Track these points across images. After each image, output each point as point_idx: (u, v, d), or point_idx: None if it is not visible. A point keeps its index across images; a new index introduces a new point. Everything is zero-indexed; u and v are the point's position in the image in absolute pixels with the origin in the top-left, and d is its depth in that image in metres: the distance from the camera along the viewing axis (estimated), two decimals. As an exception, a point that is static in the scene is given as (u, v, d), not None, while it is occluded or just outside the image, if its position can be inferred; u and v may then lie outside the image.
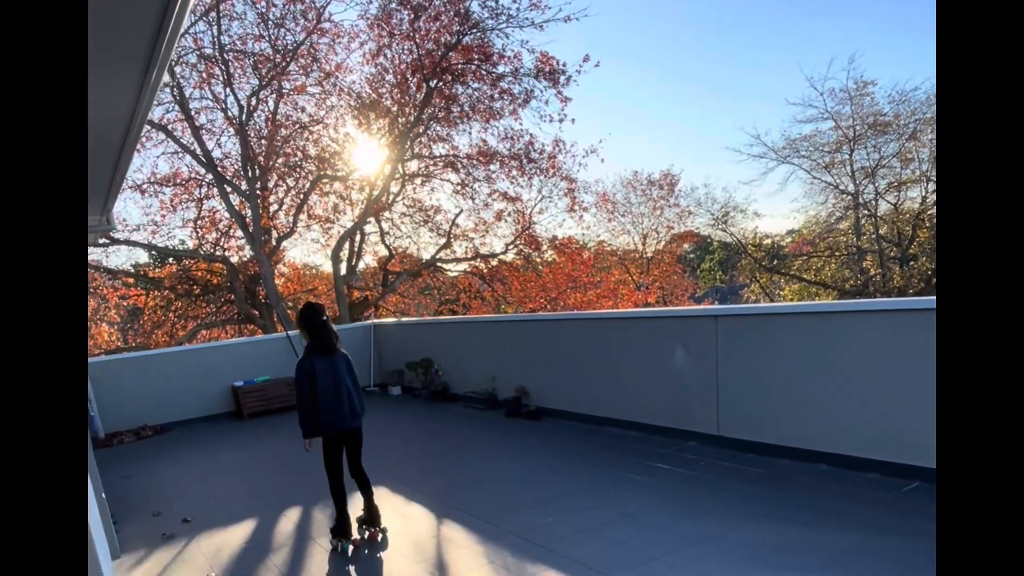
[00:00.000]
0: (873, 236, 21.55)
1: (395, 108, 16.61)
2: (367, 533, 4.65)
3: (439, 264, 19.53)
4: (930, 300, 4.59)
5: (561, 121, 16.57)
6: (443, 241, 18.94)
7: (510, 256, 19.37)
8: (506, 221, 18.84)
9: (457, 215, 18.63)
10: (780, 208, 62.74)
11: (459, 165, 17.73)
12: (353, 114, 16.87)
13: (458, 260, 19.58)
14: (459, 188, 18.01)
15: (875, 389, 4.75)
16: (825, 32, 39.34)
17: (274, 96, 16.39)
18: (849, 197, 22.16)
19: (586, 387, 7.37)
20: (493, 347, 8.91)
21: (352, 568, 4.17)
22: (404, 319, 12.40)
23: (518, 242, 18.96)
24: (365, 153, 17.62)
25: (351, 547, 4.47)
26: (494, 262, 19.25)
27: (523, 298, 18.93)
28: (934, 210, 20.98)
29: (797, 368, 5.27)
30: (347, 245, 18.16)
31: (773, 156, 23.12)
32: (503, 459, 6.36)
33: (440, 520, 4.87)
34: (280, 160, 16.86)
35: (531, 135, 17.47)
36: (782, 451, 5.33)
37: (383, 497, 5.55)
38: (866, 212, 21.79)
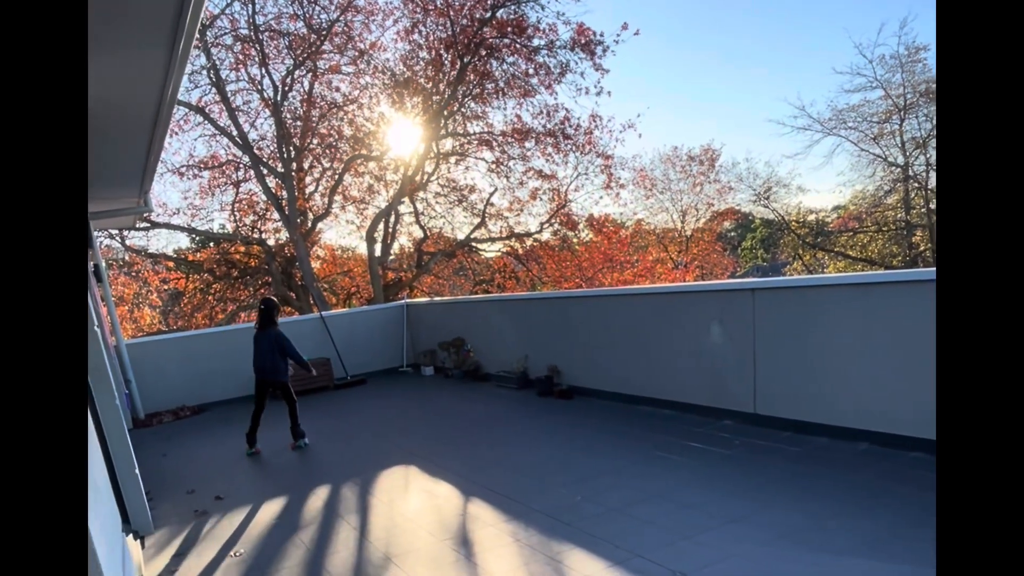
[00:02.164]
0: (923, 210, 20.74)
1: (429, 85, 16.50)
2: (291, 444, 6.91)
3: (473, 244, 19.46)
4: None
5: (599, 94, 16.27)
6: (477, 221, 18.85)
7: (545, 235, 19.20)
8: (541, 200, 18.65)
9: (492, 194, 18.52)
10: (825, 182, 60.92)
11: (494, 143, 17.57)
12: (387, 93, 16.82)
13: (493, 240, 19.47)
14: (494, 166, 17.86)
15: (920, 363, 4.50)
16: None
17: (309, 76, 16.42)
18: (898, 169, 21.35)
19: (619, 365, 7.21)
20: (525, 326, 8.80)
21: (376, 543, 4.13)
22: (436, 299, 12.36)
23: (553, 221, 18.76)
24: (399, 132, 17.58)
25: (253, 452, 6.81)
26: (529, 242, 19.10)
27: (559, 278, 18.76)
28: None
29: (837, 343, 5.04)
30: (381, 226, 18.20)
31: (818, 128, 22.40)
32: (533, 438, 6.27)
33: (467, 498, 4.80)
34: (315, 141, 16.92)
35: (567, 110, 17.18)
36: (821, 429, 5.12)
37: (411, 475, 5.52)
38: (916, 185, 20.98)
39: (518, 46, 15.96)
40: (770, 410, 5.53)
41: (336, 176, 17.63)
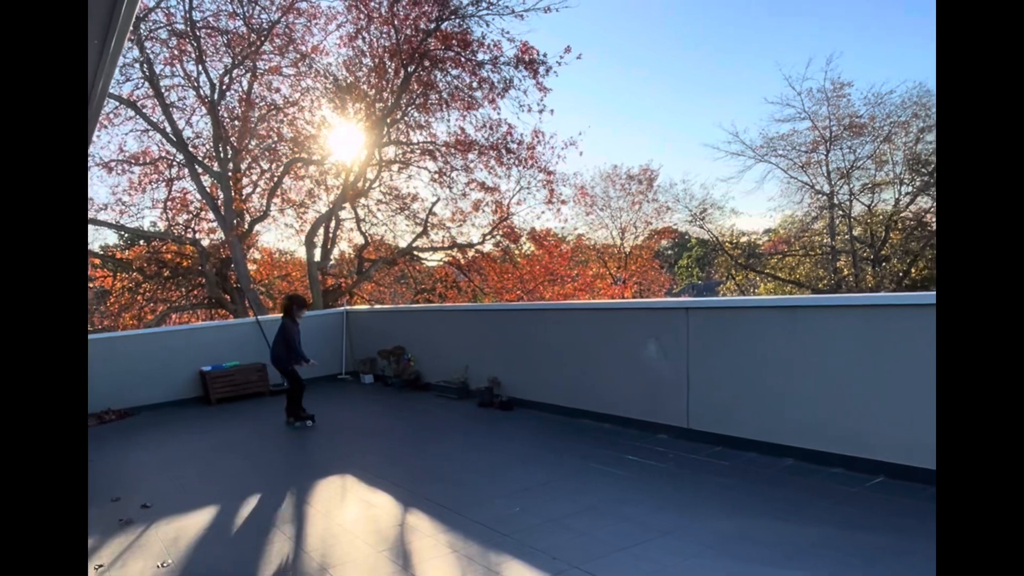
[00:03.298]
0: (847, 236, 21.80)
1: (372, 92, 16.39)
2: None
3: (415, 253, 19.39)
4: (901, 296, 4.61)
5: (541, 112, 16.50)
6: (420, 230, 18.79)
7: (488, 247, 19.30)
8: (484, 211, 18.75)
9: (434, 203, 18.50)
10: (757, 206, 63.53)
11: (437, 153, 17.58)
12: (329, 97, 16.62)
13: (435, 249, 19.44)
14: (436, 176, 17.86)
15: (840, 385, 4.76)
16: (804, 32, 39.71)
17: (248, 76, 16.08)
18: (824, 197, 22.40)
19: (558, 378, 7.33)
20: (466, 337, 8.84)
21: (312, 553, 4.09)
22: (377, 306, 12.27)
23: (496, 233, 18.88)
24: (341, 137, 17.39)
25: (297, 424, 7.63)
26: (471, 252, 19.15)
27: (500, 289, 18.86)
28: (906, 212, 21.30)
29: (765, 362, 5.28)
30: (321, 231, 17.93)
31: (751, 154, 23.30)
32: (473, 449, 6.30)
33: (405, 509, 4.80)
34: (254, 142, 16.57)
35: (510, 125, 17.36)
36: (749, 444, 5.34)
37: (348, 484, 5.47)
38: (840, 213, 22.04)
39: (462, 59, 16.05)
40: (702, 425, 5.74)
41: (275, 178, 17.30)
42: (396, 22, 15.44)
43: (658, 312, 6.36)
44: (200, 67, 15.44)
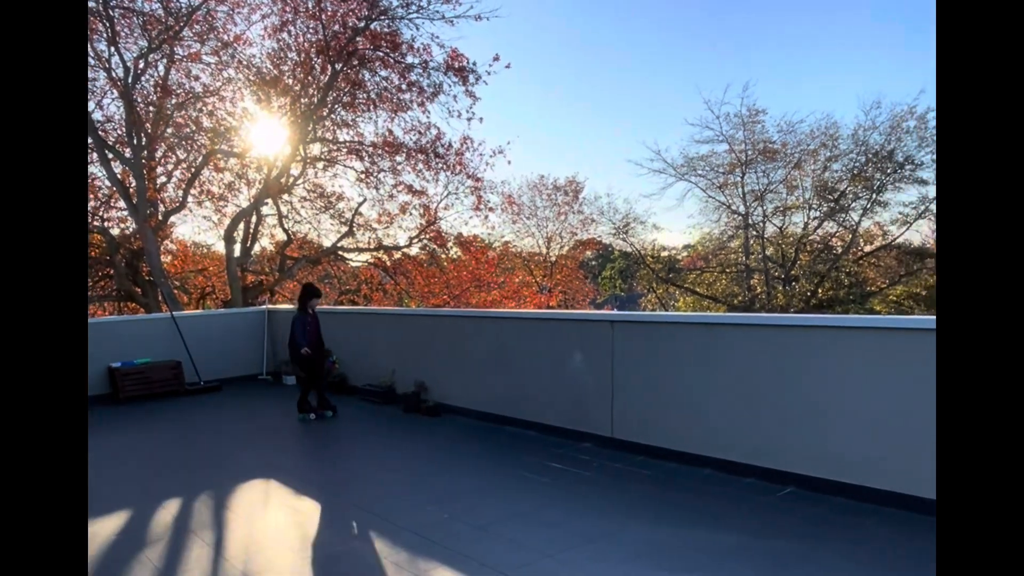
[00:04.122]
0: (760, 256, 22.86)
1: (297, 87, 16.01)
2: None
3: (340, 253, 19.05)
4: (807, 317, 4.96)
5: (470, 120, 16.53)
6: (345, 229, 18.48)
7: (414, 250, 19.19)
8: (411, 214, 18.61)
9: (360, 204, 18.23)
10: (678, 223, 65.64)
11: (364, 153, 17.33)
12: (252, 89, 16.11)
13: (360, 250, 19.16)
14: (363, 176, 17.60)
15: (754, 399, 5.04)
16: (723, 58, 41.51)
17: (165, 61, 15.38)
18: (740, 217, 23.41)
19: (485, 385, 7.40)
20: (393, 341, 8.78)
21: (234, 561, 3.99)
22: (301, 306, 11.99)
23: (423, 236, 18.79)
24: (264, 131, 16.88)
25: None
26: (397, 255, 18.99)
27: (426, 293, 18.77)
28: (814, 236, 22.55)
29: (685, 375, 5.52)
30: (242, 225, 17.36)
31: (672, 172, 24.05)
32: (399, 454, 6.28)
33: (332, 515, 4.75)
34: (170, 130, 15.86)
35: (439, 129, 17.29)
36: (670, 454, 5.56)
37: (271, 489, 5.35)
38: (754, 233, 23.10)
39: (392, 61, 15.92)
40: (626, 435, 5.93)
41: (193, 169, 16.63)
42: (323, 18, 15.16)
43: (585, 323, 6.53)
44: (113, 48, 14.67)
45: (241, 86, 16.14)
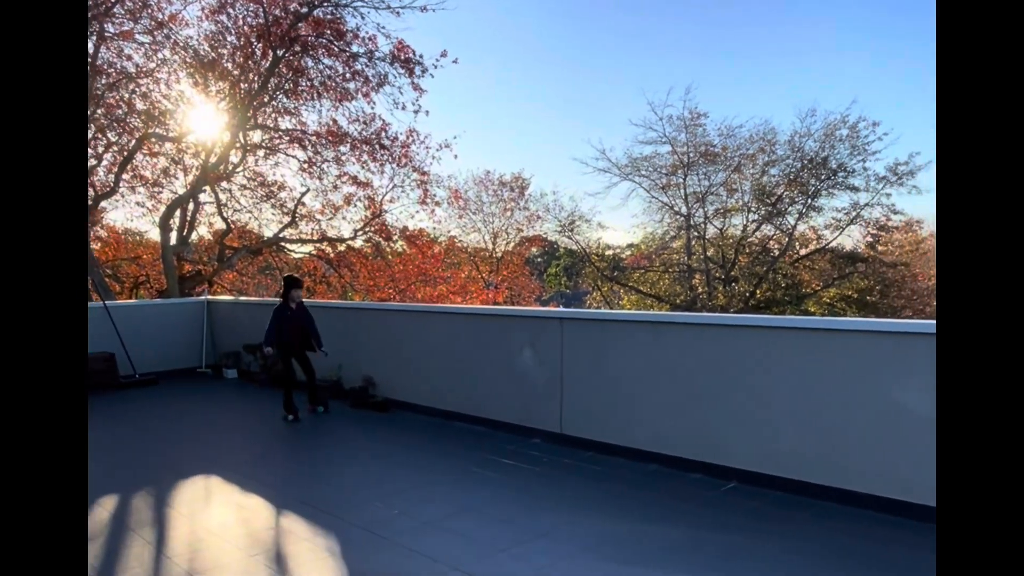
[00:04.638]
0: (702, 257, 23.43)
1: (237, 72, 15.53)
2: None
3: (282, 244, 18.62)
4: (748, 318, 5.13)
5: (416, 112, 16.33)
6: (287, 220, 18.07)
7: (359, 242, 18.90)
8: (356, 206, 18.34)
9: (303, 194, 17.84)
10: (622, 222, 66.59)
11: (307, 142, 16.95)
12: (188, 72, 15.54)
13: (303, 241, 18.77)
14: (306, 166, 17.20)
15: (699, 396, 5.19)
16: (666, 60, 42.39)
17: (95, 38, 14.69)
18: (682, 218, 23.92)
19: (435, 381, 7.38)
20: (340, 334, 8.64)
21: (177, 559, 3.88)
22: (242, 298, 11.69)
23: (368, 229, 18.55)
24: (202, 116, 16.30)
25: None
26: (342, 247, 18.68)
27: (371, 287, 18.52)
28: (753, 238, 23.26)
29: (632, 373, 5.63)
30: (178, 213, 16.75)
31: (616, 172, 24.36)
32: (347, 450, 6.21)
33: (279, 512, 4.66)
34: (100, 111, 15.17)
35: (384, 121, 17.01)
36: (618, 450, 5.67)
37: (214, 486, 5.22)
38: (696, 234, 23.65)
39: (336, 49, 15.61)
40: (575, 431, 6.01)
41: (125, 152, 15.95)
42: (264, 1, 14.75)
43: (534, 320, 6.58)
44: (39, 23, 13.91)
45: (177, 68, 15.53)
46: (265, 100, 16.04)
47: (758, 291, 22.11)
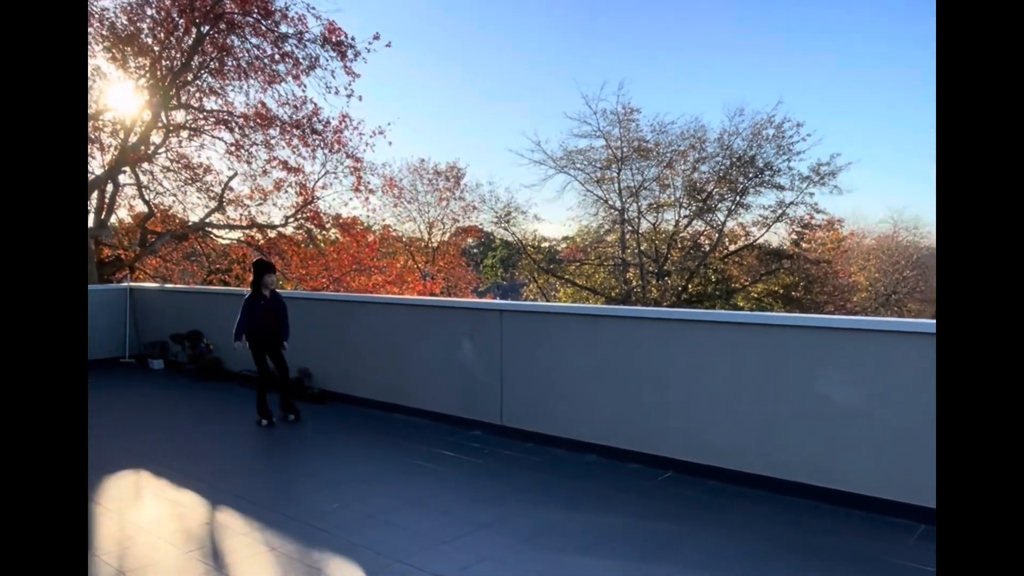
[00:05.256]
0: (635, 251, 23.92)
1: (158, 48, 14.84)
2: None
3: (208, 229, 17.98)
4: (681, 312, 5.33)
5: (349, 97, 15.99)
6: (214, 204, 17.45)
7: (290, 229, 18.45)
8: (287, 192, 17.86)
9: (231, 178, 17.25)
10: (558, 215, 67.14)
11: (233, 124, 16.38)
12: (105, 46, 14.75)
13: (231, 227, 18.18)
14: (233, 149, 16.62)
15: (636, 388, 5.33)
16: (600, 55, 43.00)
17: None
18: (616, 212, 24.36)
19: (373, 372, 7.31)
20: (273, 324, 8.45)
21: (106, 557, 3.74)
22: (168, 285, 11.26)
23: (299, 216, 18.12)
24: (120, 93, 15.52)
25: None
26: (272, 233, 18.18)
27: (304, 275, 18.09)
28: (684, 233, 23.90)
29: (571, 365, 5.73)
30: (96, 195, 15.94)
31: (551, 164, 24.58)
32: (284, 443, 6.10)
33: (214, 507, 4.54)
34: (8, 85, 14.25)
35: (316, 105, 16.59)
36: (558, 441, 5.76)
37: (144, 481, 5.04)
38: (630, 228, 24.13)
39: (263, 28, 15.13)
40: (515, 423, 6.08)
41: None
42: (186, -26, 14.14)
43: (473, 312, 6.62)
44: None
45: (92, 41, 14.74)
46: (189, 79, 15.40)
47: (690, 285, 22.78)
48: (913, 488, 4.08)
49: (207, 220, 17.61)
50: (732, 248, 24.56)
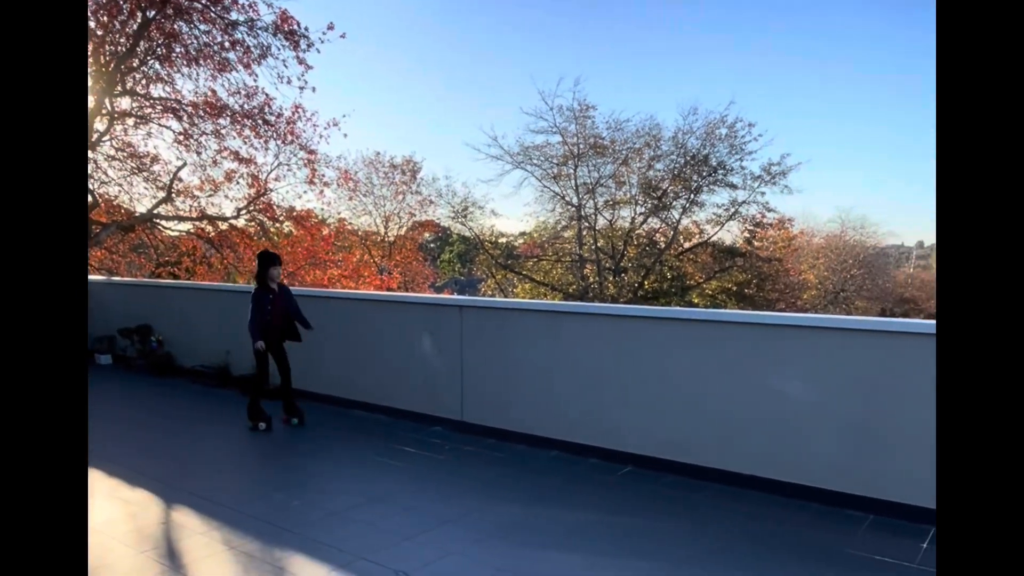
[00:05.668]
0: (592, 247, 24.12)
1: (101, 32, 14.36)
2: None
3: (156, 220, 17.46)
4: (640, 309, 5.45)
5: (302, 88, 15.71)
6: (163, 195, 16.96)
7: (242, 222, 18.06)
8: (238, 184, 17.48)
9: (180, 168, 16.78)
10: (515, 210, 67.15)
11: (182, 113, 15.95)
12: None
13: (181, 218, 17.69)
14: (182, 138, 16.17)
15: (596, 384, 5.40)
16: (556, 51, 43.27)
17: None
18: (573, 208, 24.51)
19: (332, 368, 7.23)
20: (228, 319, 8.26)
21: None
22: (116, 278, 10.91)
23: (251, 208, 17.76)
24: (63, 78, 14.99)
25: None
26: (224, 226, 17.78)
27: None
28: (640, 230, 24.21)
29: (532, 361, 5.77)
30: (40, 184, 15.34)
31: (508, 160, 24.54)
32: (240, 440, 5.99)
33: (170, 506, 4.45)
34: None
35: (268, 95, 16.25)
36: (519, 437, 5.80)
37: (95, 479, 4.90)
38: (587, 224, 24.31)
39: (212, 15, 14.77)
40: (477, 418, 6.09)
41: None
42: (131, -45, 13.70)
43: (433, 308, 6.61)
44: None
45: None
46: (134, 65, 14.92)
47: (646, 282, 23.10)
48: (862, 480, 4.25)
49: (155, 211, 17.12)
50: (687, 245, 24.98)
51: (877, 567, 3.56)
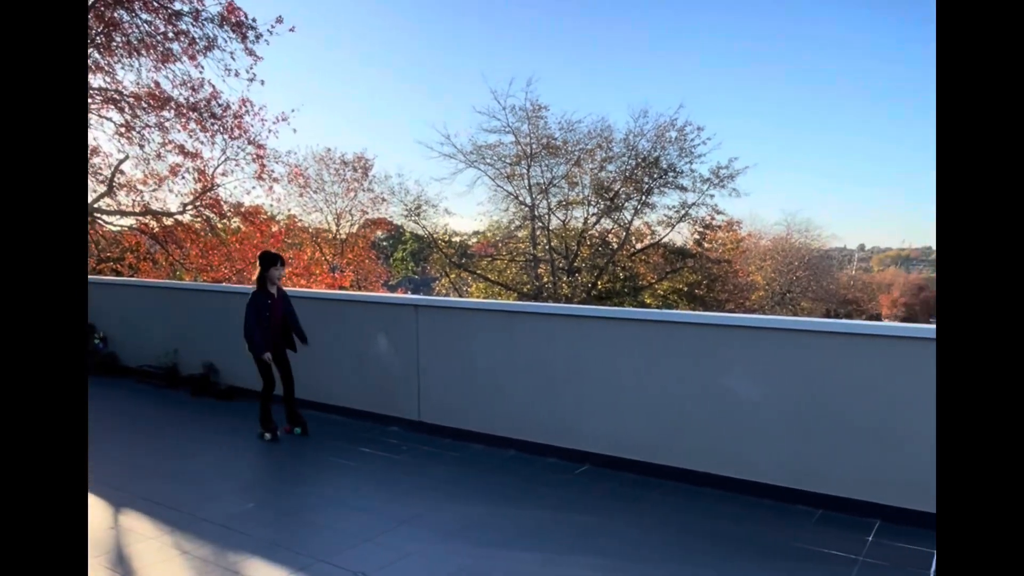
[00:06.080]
0: (546, 247, 24.27)
1: (36, 18, 13.84)
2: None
3: (97, 215, 16.89)
4: (594, 309, 5.50)
5: (250, 81, 15.44)
6: (103, 188, 16.43)
7: (188, 217, 17.62)
8: (184, 178, 17.06)
9: (122, 161, 16.30)
10: (468, 209, 67.15)
11: (123, 104, 15.49)
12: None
13: (123, 213, 17.18)
14: (123, 131, 15.70)
15: (553, 384, 5.46)
16: (509, 51, 43.34)
17: None
18: (527, 208, 24.64)
19: (284, 367, 7.12)
20: (175, 317, 8.07)
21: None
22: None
23: (198, 203, 17.33)
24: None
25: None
26: (168, 221, 17.31)
27: (204, 266, 17.28)
28: (593, 231, 24.48)
29: (488, 361, 5.80)
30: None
31: (461, 159, 24.54)
32: (192, 442, 5.85)
33: (118, 510, 4.33)
34: None
35: (214, 88, 15.93)
36: (476, 437, 5.82)
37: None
38: (540, 224, 24.47)
39: (155, 4, 14.40)
40: (434, 418, 6.09)
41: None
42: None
43: (388, 307, 6.58)
44: None
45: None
46: (72, 53, 14.41)
47: (599, 282, 23.37)
48: (810, 476, 4.41)
49: (95, 205, 16.56)
50: (639, 246, 25.39)
51: (826, 560, 3.71)
